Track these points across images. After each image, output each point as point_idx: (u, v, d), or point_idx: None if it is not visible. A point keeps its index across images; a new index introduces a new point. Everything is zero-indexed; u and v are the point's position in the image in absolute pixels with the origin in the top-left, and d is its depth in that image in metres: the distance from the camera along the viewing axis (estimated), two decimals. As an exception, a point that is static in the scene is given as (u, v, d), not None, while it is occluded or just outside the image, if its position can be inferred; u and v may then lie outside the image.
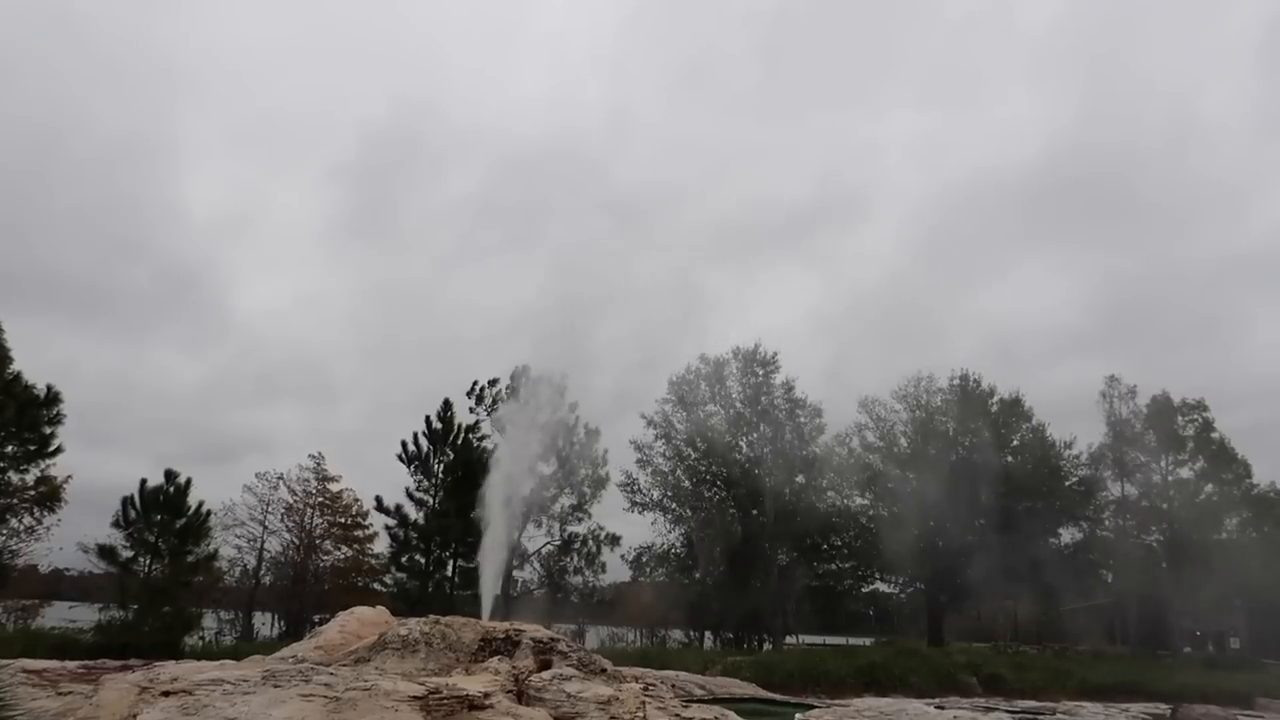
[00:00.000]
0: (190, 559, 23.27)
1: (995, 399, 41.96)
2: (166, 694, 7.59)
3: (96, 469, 55.20)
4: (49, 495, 24.58)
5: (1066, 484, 40.51)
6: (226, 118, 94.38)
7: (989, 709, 17.09)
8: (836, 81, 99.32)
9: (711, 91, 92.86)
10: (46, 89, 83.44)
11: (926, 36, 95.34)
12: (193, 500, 23.34)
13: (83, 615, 24.32)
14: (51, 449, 23.58)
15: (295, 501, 32.64)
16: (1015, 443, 41.29)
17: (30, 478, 24.19)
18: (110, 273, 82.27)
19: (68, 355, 67.80)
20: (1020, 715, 15.56)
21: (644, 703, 9.52)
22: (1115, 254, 76.16)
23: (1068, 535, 42.07)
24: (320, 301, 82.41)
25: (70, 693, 9.72)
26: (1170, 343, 67.76)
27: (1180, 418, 40.09)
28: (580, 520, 35.06)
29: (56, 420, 23.46)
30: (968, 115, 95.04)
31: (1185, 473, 40.13)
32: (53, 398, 23.32)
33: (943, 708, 15.40)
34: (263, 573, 32.50)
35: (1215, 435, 39.57)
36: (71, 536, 24.80)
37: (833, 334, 71.71)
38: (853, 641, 42.83)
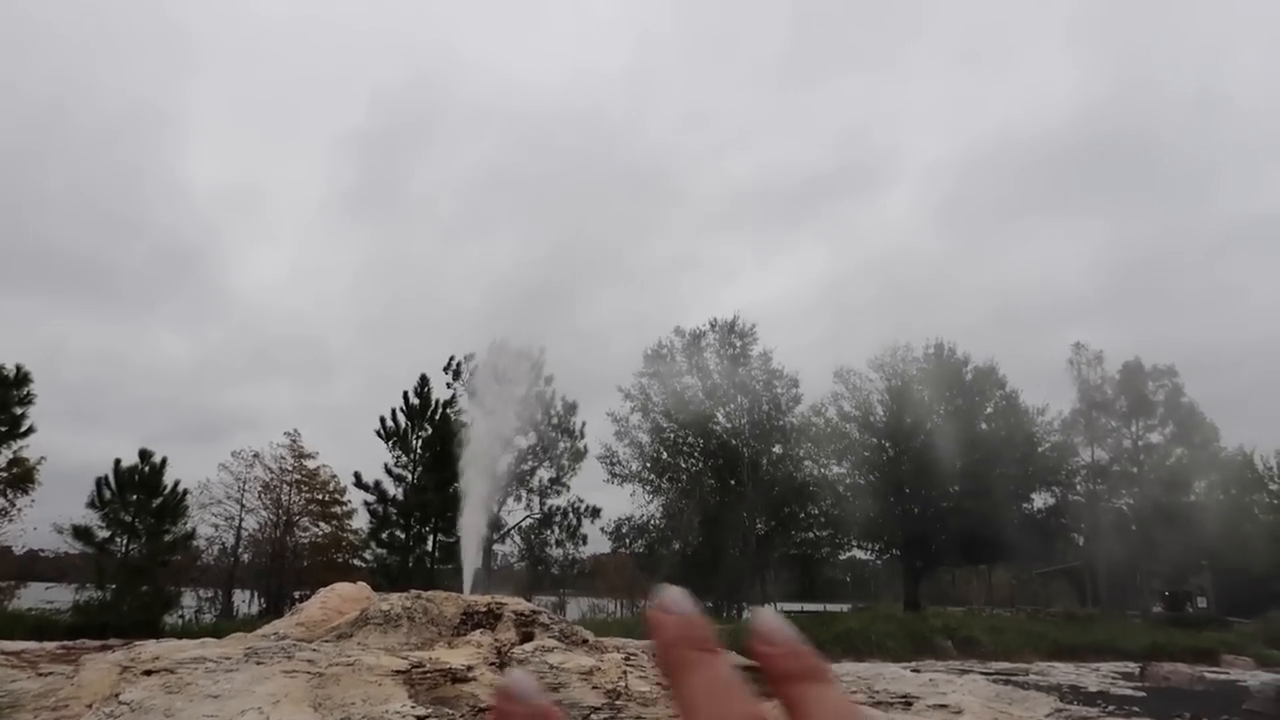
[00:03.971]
0: (168, 538, 23.20)
1: (970, 367, 42.37)
2: (148, 673, 7.60)
3: (86, 448, 54.64)
4: (22, 477, 24.33)
5: (1039, 450, 41.05)
6: (233, 85, 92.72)
7: (964, 671, 17.44)
8: (864, 45, 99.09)
9: (736, 56, 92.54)
10: (49, 57, 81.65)
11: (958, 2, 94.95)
12: (170, 479, 23.25)
13: (60, 596, 24.18)
14: (23, 430, 23.32)
15: (271, 479, 32.51)
16: (989, 410, 41.74)
17: (1, 459, 23.93)
18: (107, 249, 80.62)
19: (59, 333, 66.61)
20: (995, 677, 15.87)
21: (626, 672, 9.63)
22: (1129, 221, 76.37)
23: (1040, 500, 42.72)
24: (321, 276, 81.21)
25: (51, 673, 9.71)
26: (1175, 310, 68.15)
27: (1151, 383, 40.67)
28: (559, 493, 35.25)
29: (27, 401, 23.20)
30: (997, 80, 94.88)
31: (1155, 437, 40.80)
32: (22, 378, 23.04)
33: (919, 671, 15.70)
34: (241, 550, 32.40)
35: (1185, 400, 40.22)
36: (49, 517, 24.60)
37: (842, 302, 72.09)
38: (830, 608, 43.38)
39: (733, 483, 38.89)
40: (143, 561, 22.14)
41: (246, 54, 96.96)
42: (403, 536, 29.60)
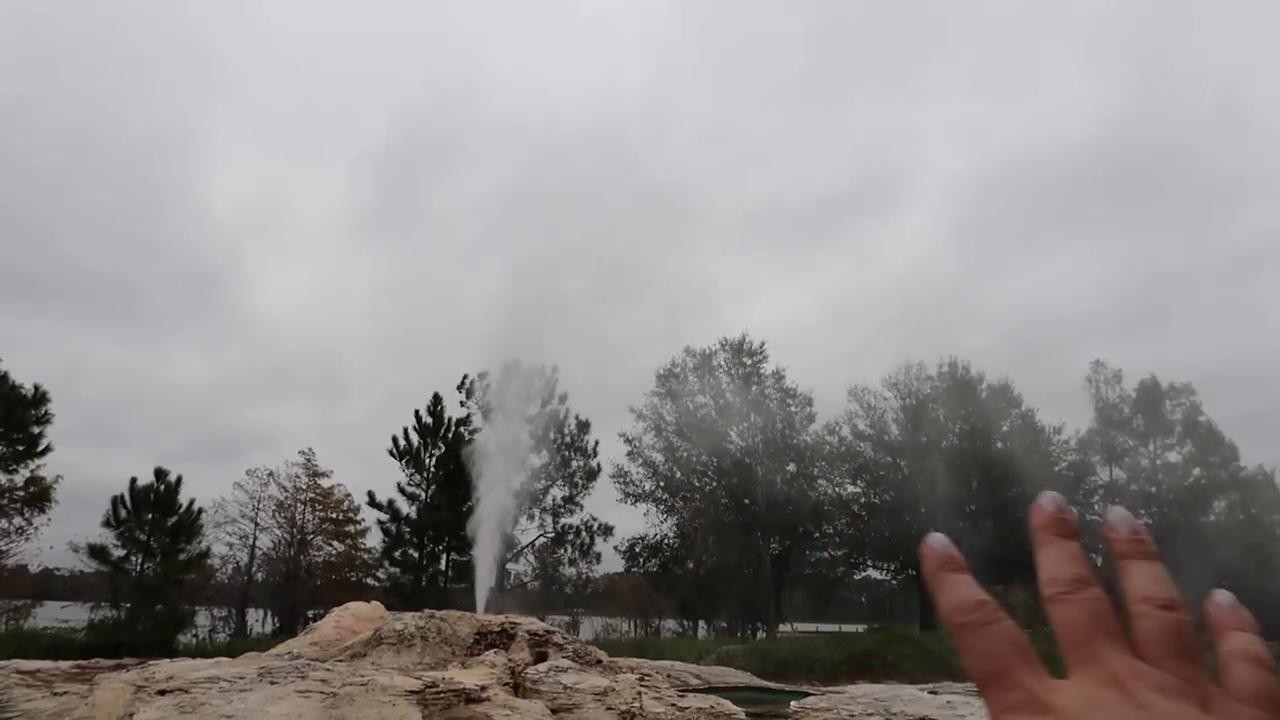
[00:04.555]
0: (182, 557, 23.23)
1: (984, 385, 42.16)
2: (163, 692, 7.60)
3: (102, 467, 54.82)
4: (39, 496, 24.49)
5: (1056, 469, 40.75)
6: (257, 105, 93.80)
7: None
8: (882, 66, 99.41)
9: (755, 76, 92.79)
10: (78, 78, 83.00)
11: (978, 19, 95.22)
12: (184, 498, 23.32)
13: (75, 615, 24.27)
14: (40, 449, 23.48)
15: (286, 498, 32.60)
16: (1004, 429, 41.50)
17: (19, 478, 24.09)
18: (127, 268, 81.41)
19: (79, 352, 67.10)
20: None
21: (640, 693, 9.56)
22: (1149, 237, 75.95)
23: (1057, 519, 42.30)
24: (340, 295, 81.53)
25: (65, 693, 9.72)
26: (1196, 327, 67.53)
27: (1168, 401, 40.36)
28: (573, 512, 35.17)
29: (45, 420, 23.37)
30: (1015, 98, 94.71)
31: (1173, 456, 40.44)
32: (40, 397, 23.22)
33: (936, 692, 15.50)
34: (255, 569, 32.46)
35: (1203, 419, 39.87)
36: (65, 535, 24.79)
37: (859, 321, 71.96)
38: (845, 628, 43.02)
39: (746, 502, 38.75)
40: (157, 580, 22.17)
41: (270, 74, 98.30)
42: (416, 555, 29.59)
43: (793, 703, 12.01)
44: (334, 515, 33.39)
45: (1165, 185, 78.58)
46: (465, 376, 32.77)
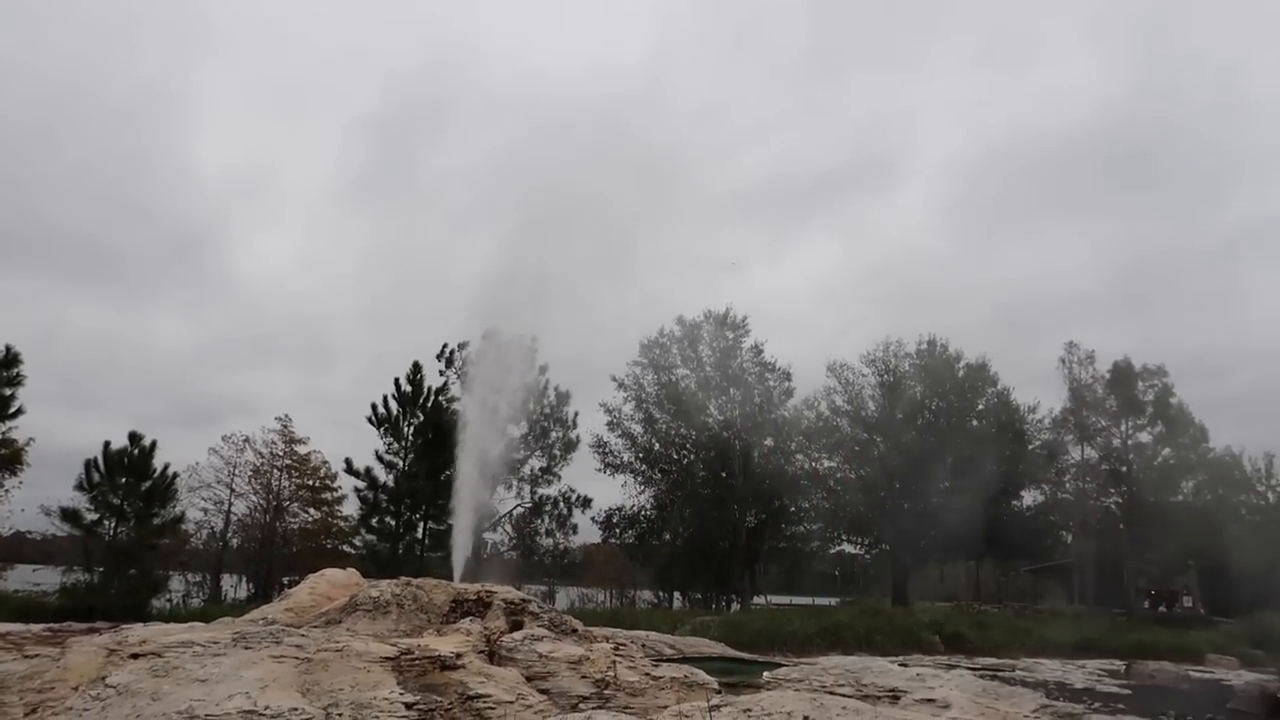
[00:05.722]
0: (156, 521, 23.05)
1: (961, 364, 42.42)
2: (136, 656, 7.57)
3: (78, 430, 54.29)
4: (10, 458, 24.20)
5: (1029, 447, 41.18)
6: (246, 68, 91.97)
7: (951, 666, 17.48)
8: (885, 42, 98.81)
9: (756, 50, 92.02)
10: (65, 35, 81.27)
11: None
12: (159, 462, 23.11)
13: (47, 578, 24.10)
14: (12, 411, 23.17)
15: (262, 464, 32.40)
16: (980, 407, 41.83)
17: (-10, 440, 23.80)
18: (110, 231, 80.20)
19: (58, 315, 66.23)
20: (981, 672, 15.91)
21: (614, 662, 9.63)
22: (1137, 224, 76.52)
23: (1029, 497, 42.90)
24: (327, 263, 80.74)
25: (37, 655, 9.65)
26: (1179, 311, 68.28)
27: (1140, 383, 40.82)
28: (551, 482, 35.14)
29: (16, 381, 23.04)
30: (1015, 78, 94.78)
31: (1144, 437, 40.98)
32: (12, 358, 22.88)
33: (906, 665, 15.72)
34: (230, 535, 32.31)
35: (1174, 400, 40.40)
36: (37, 498, 24.50)
37: (851, 297, 72.19)
38: (819, 602, 43.60)
39: (724, 475, 38.91)
40: (130, 545, 22.00)
41: (261, 34, 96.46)
42: (393, 523, 29.55)
43: (765, 673, 12.16)
44: (310, 482, 33.24)
45: (1158, 170, 79.16)
46: (445, 345, 32.62)
